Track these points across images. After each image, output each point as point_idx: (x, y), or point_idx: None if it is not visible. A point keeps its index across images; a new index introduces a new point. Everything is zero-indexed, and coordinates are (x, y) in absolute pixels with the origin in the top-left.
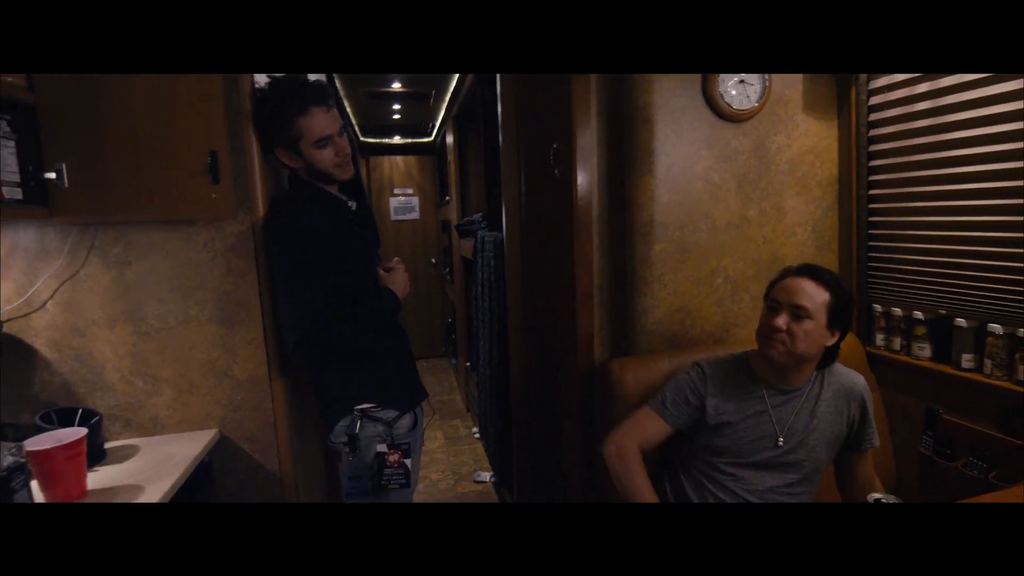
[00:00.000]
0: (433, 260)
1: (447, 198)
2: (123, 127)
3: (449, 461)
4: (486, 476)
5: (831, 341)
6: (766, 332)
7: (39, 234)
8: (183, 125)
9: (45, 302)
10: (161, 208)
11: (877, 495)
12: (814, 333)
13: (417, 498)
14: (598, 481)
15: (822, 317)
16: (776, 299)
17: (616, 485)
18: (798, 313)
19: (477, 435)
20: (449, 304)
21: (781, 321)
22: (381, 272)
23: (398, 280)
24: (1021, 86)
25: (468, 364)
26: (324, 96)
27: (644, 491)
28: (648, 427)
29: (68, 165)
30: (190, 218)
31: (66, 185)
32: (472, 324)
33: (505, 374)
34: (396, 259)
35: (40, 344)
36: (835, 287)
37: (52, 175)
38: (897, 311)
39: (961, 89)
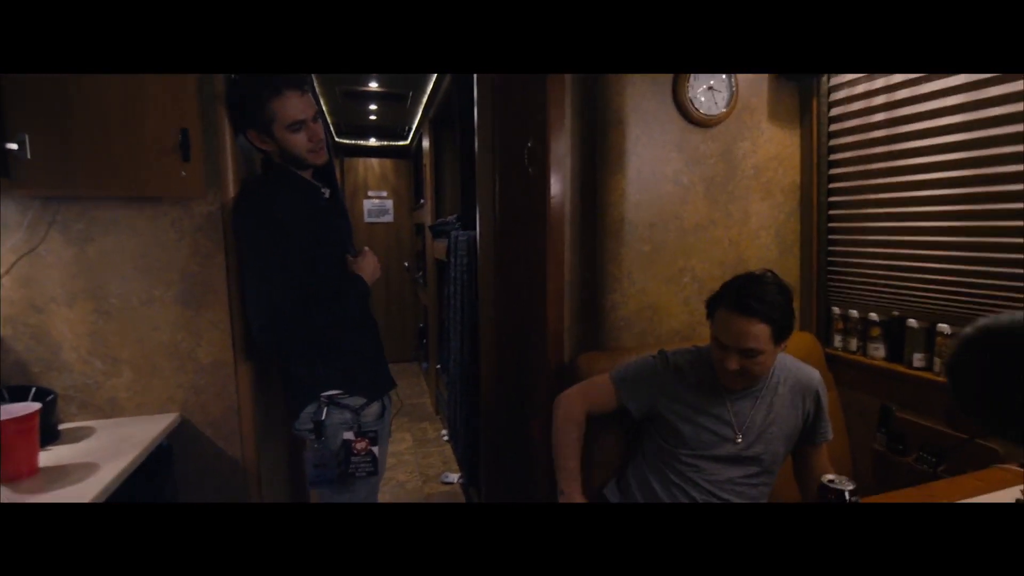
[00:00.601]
0: (406, 264)
1: (422, 201)
2: (92, 100)
3: (417, 463)
4: (454, 477)
5: (783, 348)
6: (720, 368)
7: None
8: (154, 101)
9: (0, 277)
10: (128, 184)
11: (830, 476)
12: (767, 360)
13: (384, 499)
14: None
15: (770, 346)
16: (721, 341)
17: (552, 440)
18: (748, 354)
19: (446, 438)
20: (421, 308)
21: (734, 364)
22: (349, 258)
23: (366, 265)
24: (963, 80)
25: (439, 367)
26: (299, 80)
27: (570, 463)
28: (601, 395)
29: (32, 137)
30: (158, 196)
31: (28, 157)
32: (444, 326)
33: (475, 373)
34: (366, 248)
35: None
36: (770, 315)
37: (14, 145)
38: (854, 313)
39: (912, 84)
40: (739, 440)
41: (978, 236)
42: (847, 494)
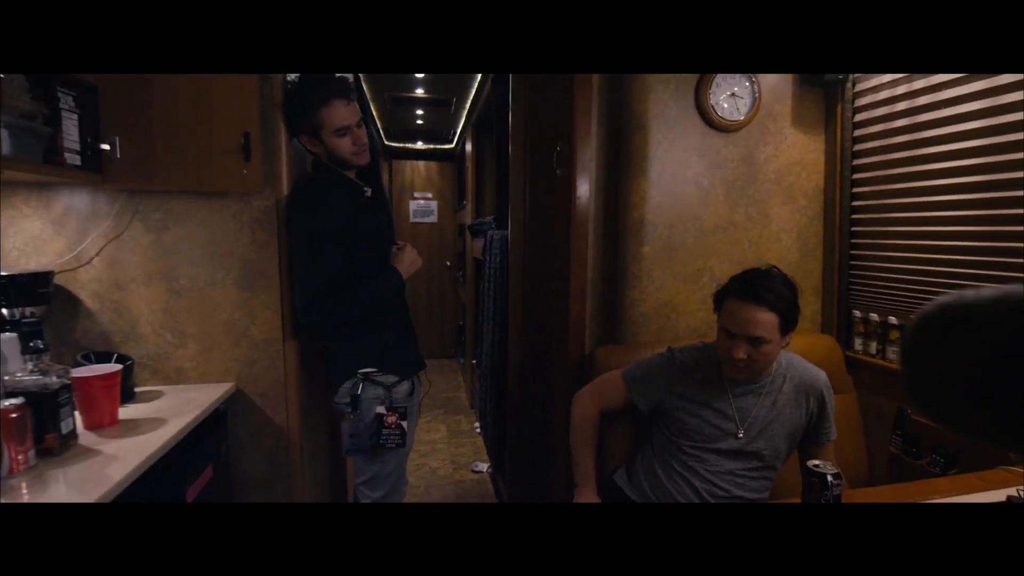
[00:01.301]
0: (448, 263)
1: (464, 203)
2: (169, 108)
3: (450, 452)
4: (483, 467)
5: (787, 343)
6: (727, 358)
7: (91, 198)
8: (221, 108)
9: (92, 258)
10: (198, 180)
11: (815, 462)
12: (773, 351)
13: (416, 484)
14: None
15: (776, 335)
16: (729, 329)
17: (570, 438)
18: (755, 342)
19: (478, 429)
20: (461, 306)
21: (741, 352)
22: (393, 250)
23: (404, 257)
24: (985, 86)
25: (474, 361)
26: (346, 90)
27: (585, 460)
28: (612, 392)
29: (120, 138)
30: (223, 191)
31: (118, 156)
32: (479, 321)
33: (504, 366)
34: (405, 242)
35: (85, 296)
36: (778, 303)
37: (107, 146)
38: (874, 316)
39: (936, 107)
40: (740, 435)
41: (997, 241)
42: (829, 478)
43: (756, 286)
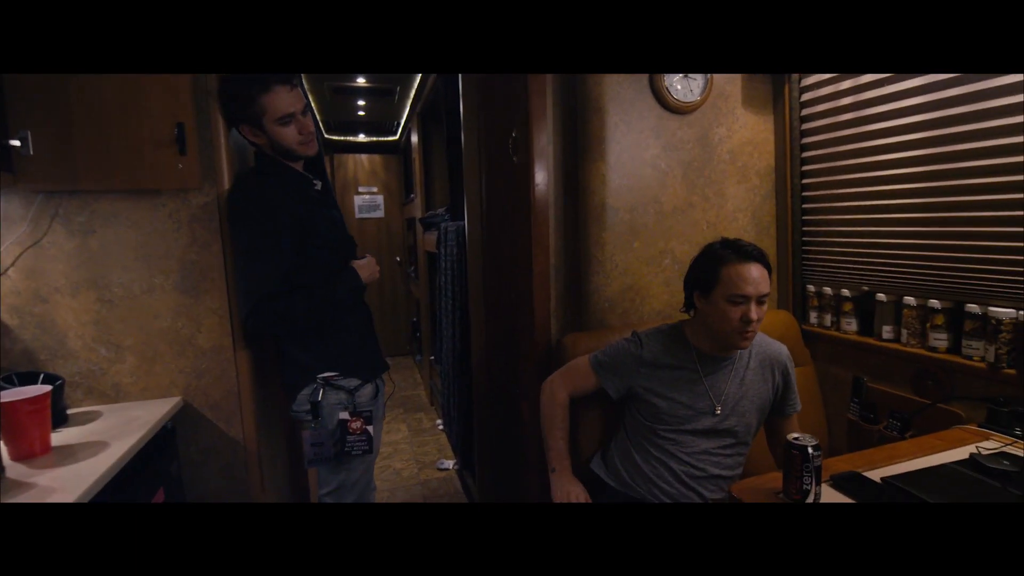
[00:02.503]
0: (398, 258)
1: (411, 196)
2: (90, 97)
3: (413, 451)
4: (449, 464)
5: None
6: (739, 328)
7: (2, 201)
8: (151, 97)
9: (7, 269)
10: (127, 177)
11: (795, 435)
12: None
13: (381, 486)
14: None
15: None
16: (743, 294)
17: (541, 423)
18: (762, 301)
19: (441, 427)
20: (414, 302)
21: (757, 313)
22: (354, 263)
23: (365, 265)
24: (926, 81)
25: (432, 358)
26: (288, 75)
27: (559, 443)
28: (580, 378)
29: (34, 133)
30: (156, 188)
31: (31, 152)
32: (436, 317)
33: (467, 360)
34: (368, 254)
35: (1, 311)
36: (767, 261)
37: (16, 142)
38: (828, 290)
39: (879, 85)
40: (718, 411)
41: (939, 212)
42: (810, 450)
43: (746, 246)
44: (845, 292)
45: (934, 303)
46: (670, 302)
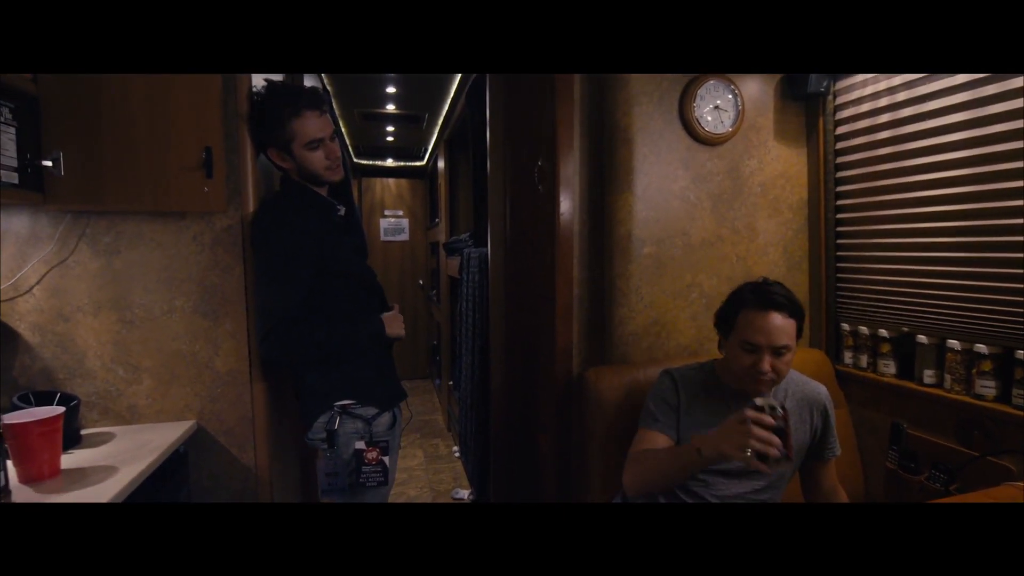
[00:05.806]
0: (421, 282)
1: (436, 220)
2: (122, 120)
3: (428, 479)
4: (464, 493)
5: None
6: (751, 375)
7: (31, 220)
8: (180, 121)
9: (32, 287)
10: (153, 199)
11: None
12: (791, 359)
13: None
14: (573, 496)
15: (794, 342)
16: (753, 342)
17: (647, 486)
18: (780, 352)
19: (457, 454)
20: (435, 325)
21: (768, 365)
22: (384, 315)
23: (392, 319)
24: (967, 117)
25: (451, 383)
26: (318, 101)
27: (669, 453)
28: (651, 445)
29: (65, 154)
30: (181, 210)
31: (62, 173)
32: (456, 342)
33: (486, 389)
34: (396, 306)
35: (23, 328)
36: (793, 309)
37: (49, 163)
38: (864, 329)
39: (919, 119)
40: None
41: (985, 251)
42: (778, 408)
43: (770, 293)
44: (883, 332)
45: (980, 348)
46: (697, 337)
